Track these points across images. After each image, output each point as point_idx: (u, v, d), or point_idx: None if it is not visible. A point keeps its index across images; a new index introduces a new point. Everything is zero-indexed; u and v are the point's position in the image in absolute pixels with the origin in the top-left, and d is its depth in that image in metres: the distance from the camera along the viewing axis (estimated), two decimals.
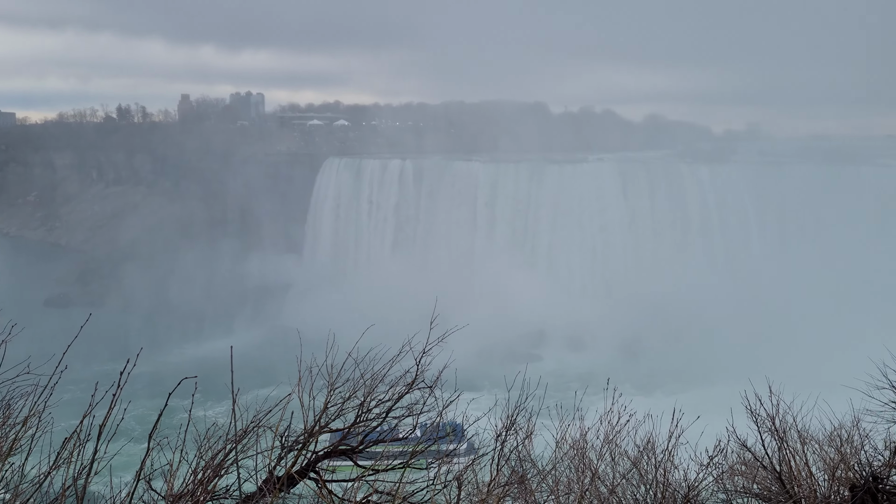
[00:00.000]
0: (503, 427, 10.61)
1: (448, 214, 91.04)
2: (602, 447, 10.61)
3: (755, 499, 11.03)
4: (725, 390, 12.84)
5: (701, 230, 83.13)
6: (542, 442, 11.07)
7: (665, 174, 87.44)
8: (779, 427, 11.08)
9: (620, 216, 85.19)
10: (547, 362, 66.70)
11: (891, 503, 10.88)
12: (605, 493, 10.23)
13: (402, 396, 10.64)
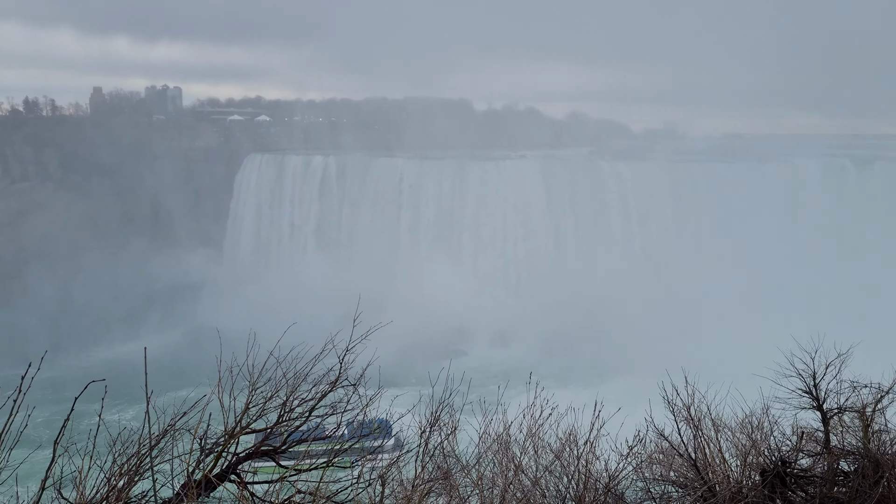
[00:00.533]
0: (427, 423, 10.61)
1: (372, 211, 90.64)
2: (525, 440, 10.72)
3: (672, 486, 11.34)
4: (645, 382, 13.18)
5: (621, 227, 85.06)
6: (466, 437, 11.12)
7: (586, 171, 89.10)
8: (694, 416, 11.43)
9: (542, 213, 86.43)
10: (471, 358, 67.24)
11: (798, 486, 11.36)
12: (529, 486, 10.34)
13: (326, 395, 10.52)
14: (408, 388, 13.44)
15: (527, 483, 10.39)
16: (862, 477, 10.56)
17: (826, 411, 12.11)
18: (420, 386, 11.40)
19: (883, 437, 11.77)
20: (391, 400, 11.80)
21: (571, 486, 10.16)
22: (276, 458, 10.03)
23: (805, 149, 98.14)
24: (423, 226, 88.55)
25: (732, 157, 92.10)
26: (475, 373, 16.68)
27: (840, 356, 12.10)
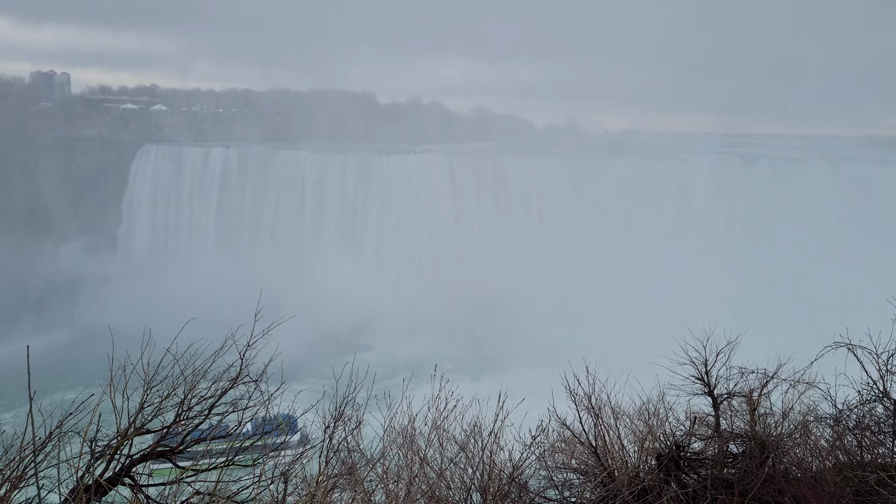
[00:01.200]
0: (331, 419, 10.46)
1: (274, 205, 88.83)
2: (430, 433, 10.72)
3: (574, 473, 11.61)
4: (548, 373, 13.42)
5: (524, 220, 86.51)
6: (371, 431, 11.03)
7: (490, 166, 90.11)
8: (595, 405, 11.72)
9: (447, 207, 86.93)
10: (376, 352, 67.03)
11: (691, 468, 11.82)
12: (434, 478, 10.35)
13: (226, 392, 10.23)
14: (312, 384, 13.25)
15: (432, 475, 10.40)
16: (749, 458, 11.08)
17: (716, 397, 12.65)
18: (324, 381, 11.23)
19: (768, 419, 12.39)
20: (294, 396, 11.59)
21: (476, 477, 10.24)
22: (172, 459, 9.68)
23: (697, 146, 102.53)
24: (327, 220, 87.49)
25: (630, 152, 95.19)
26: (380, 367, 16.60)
27: (729, 344, 12.64)
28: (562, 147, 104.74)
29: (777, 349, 12.42)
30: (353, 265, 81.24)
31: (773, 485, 9.63)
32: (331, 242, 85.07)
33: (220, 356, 10.37)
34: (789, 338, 14.72)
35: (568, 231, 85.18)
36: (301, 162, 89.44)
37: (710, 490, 9.98)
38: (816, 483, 9.27)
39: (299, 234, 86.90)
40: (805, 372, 12.31)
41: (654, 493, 10.22)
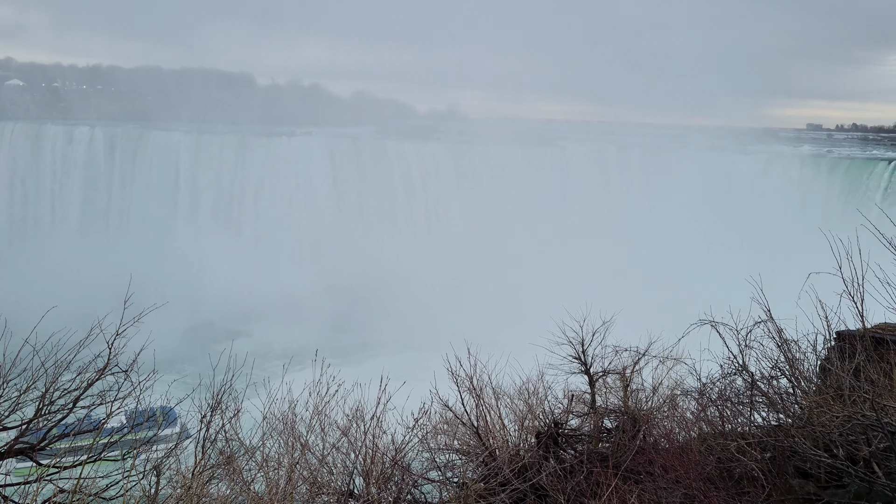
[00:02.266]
0: (208, 408, 10.12)
1: (146, 188, 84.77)
2: (311, 419, 10.55)
3: (456, 454, 11.73)
4: (430, 356, 13.48)
5: (406, 205, 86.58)
6: (250, 419, 10.75)
7: (372, 150, 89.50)
8: (476, 386, 11.88)
9: (329, 191, 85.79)
10: (255, 339, 65.39)
11: (569, 444, 12.19)
12: (316, 464, 10.21)
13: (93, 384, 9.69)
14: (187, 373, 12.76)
15: (314, 461, 10.25)
16: (622, 432, 11.55)
17: (592, 375, 13.11)
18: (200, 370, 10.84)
19: (640, 395, 12.97)
20: (168, 385, 11.14)
21: (359, 462, 10.17)
22: (32, 456, 9.08)
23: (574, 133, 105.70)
24: (203, 203, 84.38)
25: (510, 138, 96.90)
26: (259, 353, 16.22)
27: (605, 324, 13.12)
28: (443, 132, 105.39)
29: (648, 328, 12.98)
30: (230, 251, 78.88)
31: (644, 456, 10.07)
32: (206, 227, 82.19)
33: (86, 346, 9.83)
34: (660, 317, 15.41)
35: (449, 216, 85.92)
36: (174, 143, 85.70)
37: (587, 464, 10.33)
38: (683, 453, 9.75)
39: (172, 219, 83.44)
40: (673, 349, 12.94)
41: (533, 470, 10.48)
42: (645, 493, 9.13)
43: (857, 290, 10.19)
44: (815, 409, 9.31)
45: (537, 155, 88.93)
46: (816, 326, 11.00)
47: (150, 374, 9.87)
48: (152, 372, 9.94)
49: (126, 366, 9.81)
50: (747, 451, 9.23)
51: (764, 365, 10.97)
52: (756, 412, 10.89)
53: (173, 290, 59.65)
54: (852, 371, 10.15)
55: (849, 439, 8.69)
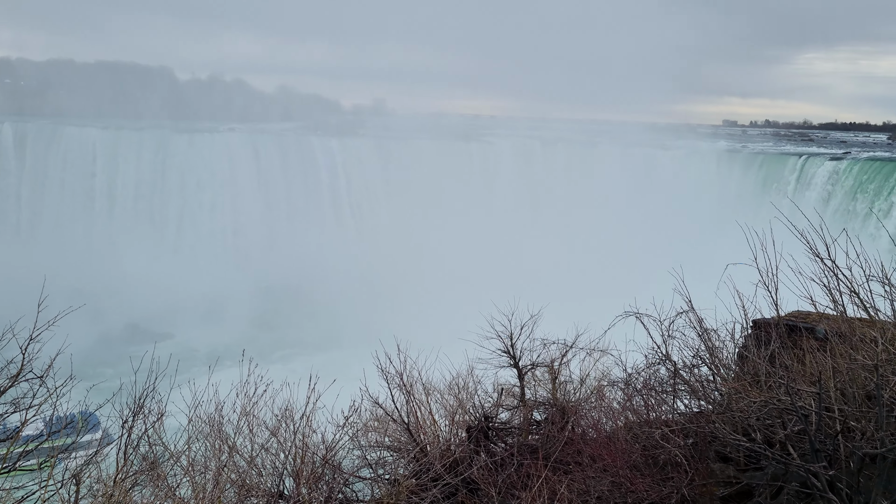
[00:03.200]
0: (130, 412, 9.79)
1: (60, 186, 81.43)
2: (239, 420, 10.35)
3: (387, 451, 11.70)
4: (360, 353, 13.39)
5: (332, 202, 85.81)
6: (174, 423, 10.46)
7: (297, 146, 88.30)
8: (406, 382, 11.87)
9: (252, 188, 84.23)
10: (179, 340, 63.77)
11: (499, 437, 12.29)
12: (244, 466, 10.01)
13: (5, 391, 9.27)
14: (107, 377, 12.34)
15: (242, 463, 10.05)
16: (551, 423, 11.73)
17: (521, 368, 13.27)
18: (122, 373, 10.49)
19: (568, 386, 13.19)
20: (87, 391, 10.74)
21: (289, 462, 10.03)
22: None
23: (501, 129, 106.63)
24: (121, 202, 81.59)
25: (437, 133, 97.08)
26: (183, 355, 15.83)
27: (532, 318, 13.28)
28: (369, 128, 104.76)
29: (575, 320, 13.21)
30: (151, 251, 76.65)
31: (573, 446, 10.25)
32: (125, 227, 79.58)
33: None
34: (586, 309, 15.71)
35: (376, 212, 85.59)
36: (89, 140, 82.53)
37: (517, 456, 10.45)
38: (610, 442, 9.96)
39: (89, 219, 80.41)
40: (599, 340, 13.20)
41: (464, 464, 10.53)
42: (574, 483, 9.30)
43: (772, 280, 10.60)
44: (733, 396, 9.63)
45: (464, 150, 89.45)
46: (734, 315, 11.39)
47: (67, 380, 9.48)
48: (69, 377, 9.56)
49: (41, 371, 9.42)
50: (671, 438, 9.50)
51: (686, 354, 11.30)
52: (679, 400, 11.22)
53: (91, 291, 57.70)
54: (768, 358, 10.55)
55: (765, 423, 9.03)
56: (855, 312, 10.47)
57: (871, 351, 9.39)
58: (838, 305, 10.47)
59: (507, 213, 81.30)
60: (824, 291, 10.37)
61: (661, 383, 11.45)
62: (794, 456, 8.25)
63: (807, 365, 10.17)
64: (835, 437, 8.19)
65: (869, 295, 10.18)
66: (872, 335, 9.67)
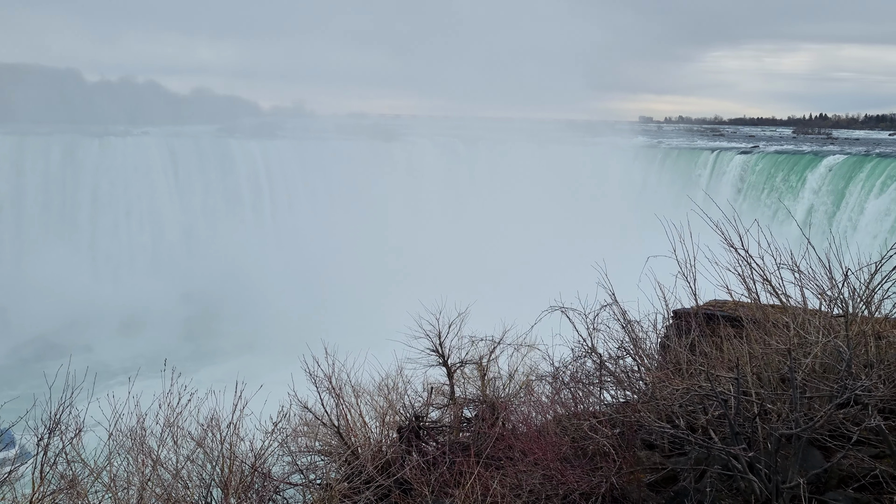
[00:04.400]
0: (45, 429, 9.37)
1: None
2: (163, 431, 10.03)
3: (318, 455, 11.56)
4: (287, 357, 13.19)
5: (253, 204, 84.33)
6: (94, 438, 10.07)
7: (215, 149, 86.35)
8: (335, 385, 11.74)
9: (170, 193, 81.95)
10: (97, 352, 61.63)
11: (430, 436, 12.30)
12: (169, 479, 9.72)
13: None
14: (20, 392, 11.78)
15: (167, 477, 9.75)
16: (482, 420, 11.79)
17: (450, 366, 13.30)
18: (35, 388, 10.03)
19: (497, 382, 13.30)
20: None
21: (216, 472, 9.78)
22: None
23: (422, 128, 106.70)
24: (29, 210, 78.06)
25: (358, 134, 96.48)
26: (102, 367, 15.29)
27: (460, 315, 13.33)
28: (290, 129, 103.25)
29: (502, 317, 13.33)
30: (64, 260, 73.68)
31: (504, 441, 10.33)
32: (35, 236, 76.25)
33: None
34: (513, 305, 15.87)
35: (299, 215, 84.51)
36: None
37: (449, 454, 10.47)
38: (540, 435, 10.07)
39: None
40: (526, 336, 13.35)
41: (397, 465, 10.49)
42: (506, 478, 9.37)
43: (690, 271, 10.95)
44: (657, 385, 9.89)
45: (386, 150, 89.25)
46: (656, 306, 11.70)
47: None
48: None
49: None
50: (599, 429, 9.68)
51: (611, 346, 11.54)
52: (605, 391, 11.45)
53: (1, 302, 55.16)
54: (688, 346, 10.89)
55: (688, 410, 9.31)
56: (768, 299, 10.91)
57: (783, 336, 9.80)
58: (752, 293, 10.89)
59: (431, 213, 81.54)
60: (739, 280, 10.78)
61: (588, 376, 11.66)
62: (715, 440, 8.53)
63: (725, 352, 10.54)
64: (753, 420, 8.51)
65: (780, 282, 10.62)
66: (785, 321, 10.09)
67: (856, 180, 64.19)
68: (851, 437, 8.29)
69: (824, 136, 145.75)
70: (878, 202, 60.02)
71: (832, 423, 8.47)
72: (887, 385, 8.79)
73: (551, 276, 36.73)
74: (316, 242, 77.37)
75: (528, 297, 15.16)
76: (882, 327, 9.90)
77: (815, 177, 68.41)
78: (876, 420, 8.30)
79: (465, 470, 9.36)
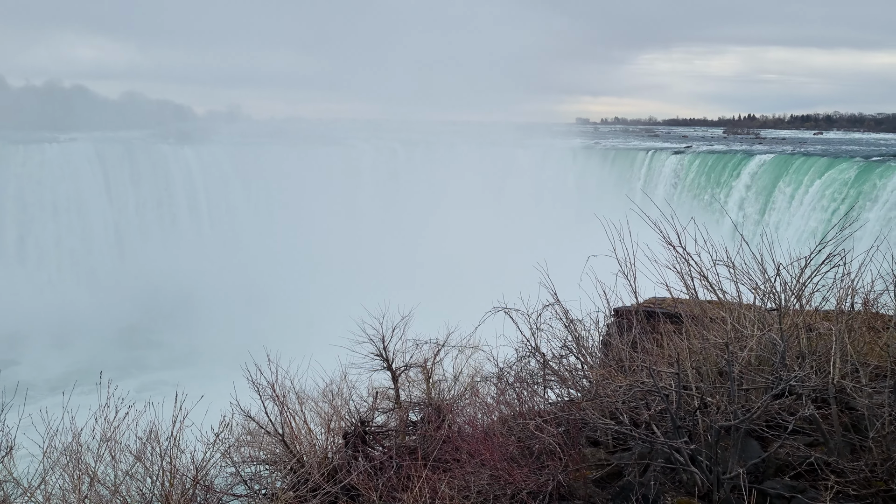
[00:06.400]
0: None
1: None
2: (100, 447, 9.72)
3: (263, 465, 11.36)
4: (228, 366, 12.94)
5: (189, 211, 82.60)
6: (27, 456, 9.69)
7: (148, 155, 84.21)
8: (279, 393, 11.56)
9: (101, 201, 79.58)
10: (27, 366, 59.49)
11: (377, 441, 12.23)
12: (108, 496, 9.42)
13: None
14: None
15: (105, 493, 9.45)
16: (428, 423, 11.78)
17: (395, 370, 13.24)
18: None
19: (442, 385, 13.29)
20: None
21: (157, 487, 9.53)
22: None
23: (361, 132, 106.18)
24: None
25: (296, 138, 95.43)
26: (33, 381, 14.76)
27: (403, 319, 13.28)
28: (225, 134, 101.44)
29: (446, 319, 13.33)
30: None
31: (451, 444, 10.33)
32: None
33: None
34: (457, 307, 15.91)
35: (237, 221, 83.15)
36: None
37: (396, 459, 10.42)
38: (486, 436, 10.10)
39: None
40: (471, 337, 13.38)
41: (344, 471, 10.40)
42: (454, 480, 9.37)
43: (630, 269, 11.15)
44: (600, 382, 10.03)
45: (325, 154, 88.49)
46: (597, 305, 11.87)
47: None
48: None
49: None
50: (544, 428, 9.76)
51: (554, 345, 11.65)
52: (550, 390, 11.56)
53: None
54: (630, 343, 11.08)
55: (631, 406, 9.46)
56: (705, 296, 11.18)
57: (721, 331, 10.05)
58: (690, 290, 11.15)
59: (372, 217, 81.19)
60: (678, 277, 11.02)
61: (532, 375, 11.75)
62: (658, 434, 8.69)
63: (665, 348, 10.76)
64: (693, 413, 8.70)
65: (717, 278, 10.90)
66: (722, 316, 10.35)
67: (784, 178, 66.43)
68: (787, 426, 8.55)
69: (753, 136, 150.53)
70: (806, 199, 62.24)
71: (768, 413, 8.73)
72: (819, 375, 9.10)
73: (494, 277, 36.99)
74: (255, 249, 76.25)
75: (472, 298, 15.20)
76: (812, 319, 10.24)
77: (746, 175, 70.53)
78: (809, 409, 8.59)
79: (413, 473, 9.33)
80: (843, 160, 63.51)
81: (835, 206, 58.21)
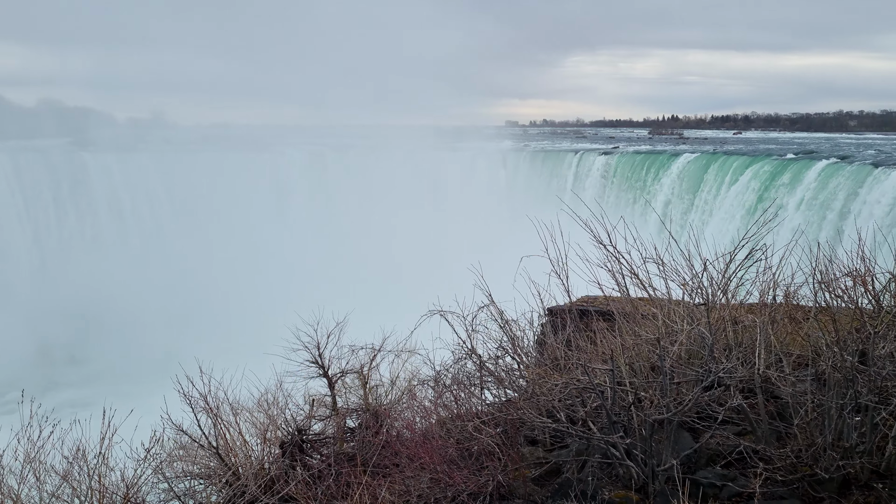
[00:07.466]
0: None
1: None
2: (23, 468, 9.32)
3: (197, 479, 11.09)
4: (159, 379, 12.56)
5: (113, 220, 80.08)
6: None
7: (67, 165, 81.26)
8: (212, 404, 11.29)
9: (17, 212, 76.40)
10: None
11: (314, 449, 12.10)
12: None
13: None
14: None
15: None
16: (366, 429, 11.70)
17: (331, 377, 13.11)
18: None
19: (379, 390, 13.23)
20: None
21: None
22: None
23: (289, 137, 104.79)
24: None
25: (223, 145, 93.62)
26: None
27: (338, 325, 13.16)
28: (150, 142, 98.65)
29: (382, 324, 13.27)
30: None
31: (390, 449, 10.29)
32: None
33: None
34: (392, 312, 15.85)
35: (164, 230, 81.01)
36: None
37: (335, 466, 10.32)
38: (425, 440, 10.10)
39: None
40: (407, 341, 13.33)
41: (281, 482, 10.23)
42: (394, 485, 9.33)
43: (563, 269, 11.29)
44: (537, 381, 10.13)
45: (254, 161, 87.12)
46: (531, 305, 11.98)
47: None
48: None
49: None
50: (483, 429, 9.80)
51: (490, 346, 11.72)
52: (487, 391, 11.62)
53: None
54: (564, 342, 11.24)
55: (567, 404, 9.58)
56: (636, 293, 11.42)
57: (652, 327, 10.28)
58: (622, 287, 11.37)
59: (302, 223, 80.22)
60: (609, 275, 11.23)
61: (469, 377, 11.78)
62: (594, 430, 8.83)
63: (599, 345, 10.95)
64: (628, 409, 8.86)
65: (647, 276, 11.15)
66: (653, 312, 10.59)
67: (707, 176, 68.55)
68: (717, 417, 8.81)
69: (676, 136, 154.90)
70: (728, 196, 64.36)
71: (699, 405, 8.97)
72: (745, 366, 9.40)
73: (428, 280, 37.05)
74: (183, 259, 74.41)
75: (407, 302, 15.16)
76: (738, 313, 10.58)
77: (672, 174, 72.49)
78: (737, 399, 8.86)
79: (352, 480, 9.24)
80: (762, 158, 65.98)
81: (755, 203, 60.40)
